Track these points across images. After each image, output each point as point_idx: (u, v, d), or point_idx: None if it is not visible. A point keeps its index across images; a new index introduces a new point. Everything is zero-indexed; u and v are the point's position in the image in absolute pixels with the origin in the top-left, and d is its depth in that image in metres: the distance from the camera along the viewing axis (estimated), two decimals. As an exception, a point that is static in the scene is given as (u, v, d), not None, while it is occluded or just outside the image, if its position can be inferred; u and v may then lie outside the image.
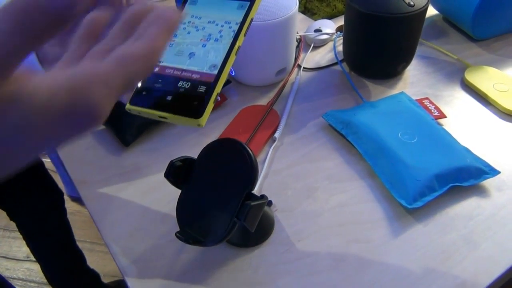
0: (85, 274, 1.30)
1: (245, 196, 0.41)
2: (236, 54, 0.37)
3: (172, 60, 0.38)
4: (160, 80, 0.37)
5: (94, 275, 1.32)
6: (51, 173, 1.87)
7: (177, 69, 0.37)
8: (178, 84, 0.36)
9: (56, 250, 1.23)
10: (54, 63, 0.28)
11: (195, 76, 0.36)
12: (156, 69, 0.38)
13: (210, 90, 0.35)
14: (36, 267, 1.57)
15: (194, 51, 0.37)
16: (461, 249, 0.48)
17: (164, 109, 0.35)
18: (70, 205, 1.78)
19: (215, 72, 0.36)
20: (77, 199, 1.79)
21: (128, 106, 0.37)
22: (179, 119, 0.35)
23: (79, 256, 1.28)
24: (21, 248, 1.63)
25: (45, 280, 1.52)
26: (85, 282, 1.30)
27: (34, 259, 1.57)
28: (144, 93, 0.37)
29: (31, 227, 1.16)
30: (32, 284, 1.53)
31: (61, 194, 1.19)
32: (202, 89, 0.35)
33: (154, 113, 0.36)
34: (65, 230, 1.23)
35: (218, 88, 0.35)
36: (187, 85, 0.36)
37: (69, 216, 1.68)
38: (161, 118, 0.36)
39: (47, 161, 1.92)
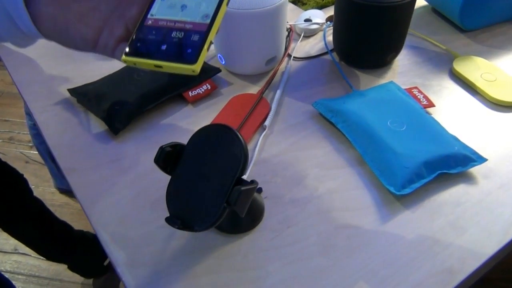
0: (78, 237, 1.33)
1: (236, 181, 0.41)
2: (227, 5, 0.39)
3: (164, 12, 0.39)
4: (154, 32, 0.38)
5: (85, 234, 1.35)
6: (39, 165, 1.85)
7: (170, 21, 0.38)
8: (172, 34, 0.37)
9: (38, 228, 1.22)
10: None
11: (188, 26, 0.37)
12: (149, 22, 0.39)
13: (203, 38, 0.36)
14: (24, 259, 1.56)
15: (186, 3, 0.38)
16: (448, 234, 0.49)
17: (159, 57, 0.37)
18: (58, 197, 1.77)
19: (208, 21, 0.37)
20: (66, 191, 1.78)
21: (123, 57, 0.38)
22: (174, 66, 0.36)
23: (65, 225, 1.30)
24: (9, 241, 1.61)
25: (33, 272, 1.52)
26: (81, 244, 1.33)
27: (22, 252, 1.57)
28: (138, 44, 0.38)
29: (3, 215, 1.14)
30: (19, 277, 1.51)
31: (20, 175, 1.18)
32: (195, 37, 0.37)
33: (149, 63, 0.37)
34: (39, 207, 1.22)
35: (211, 36, 0.37)
36: (181, 34, 0.37)
37: (57, 209, 1.67)
38: (156, 68, 0.37)
39: (34, 153, 1.90)
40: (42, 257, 1.35)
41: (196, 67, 0.35)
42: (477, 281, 0.48)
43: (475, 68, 0.69)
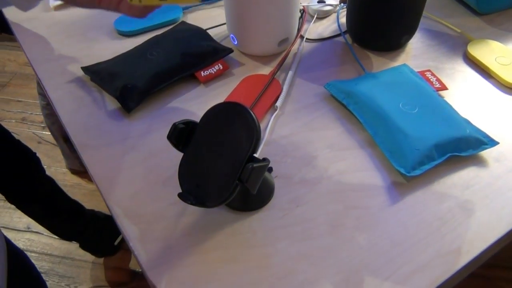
0: (89, 217, 1.34)
1: (248, 158, 0.42)
2: None
3: None
4: None
5: (96, 214, 1.36)
6: (51, 146, 1.87)
7: None
8: None
9: (50, 207, 1.23)
10: None
11: None
12: None
13: None
14: (37, 237, 1.59)
15: None
16: (457, 216, 0.49)
17: None
18: (69, 178, 1.79)
19: None
20: (77, 172, 1.80)
21: None
22: None
23: (76, 204, 1.31)
24: (22, 219, 1.64)
25: (45, 250, 1.55)
26: (93, 223, 1.34)
27: (34, 230, 1.60)
28: None
29: (16, 193, 1.16)
30: (32, 254, 1.55)
31: (33, 154, 1.18)
32: None
33: None
34: (51, 186, 1.24)
35: None
36: None
37: (68, 189, 1.70)
38: (161, 1, 0.38)
39: (46, 134, 1.92)
40: (54, 236, 1.38)
41: None
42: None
43: (490, 51, 0.68)
